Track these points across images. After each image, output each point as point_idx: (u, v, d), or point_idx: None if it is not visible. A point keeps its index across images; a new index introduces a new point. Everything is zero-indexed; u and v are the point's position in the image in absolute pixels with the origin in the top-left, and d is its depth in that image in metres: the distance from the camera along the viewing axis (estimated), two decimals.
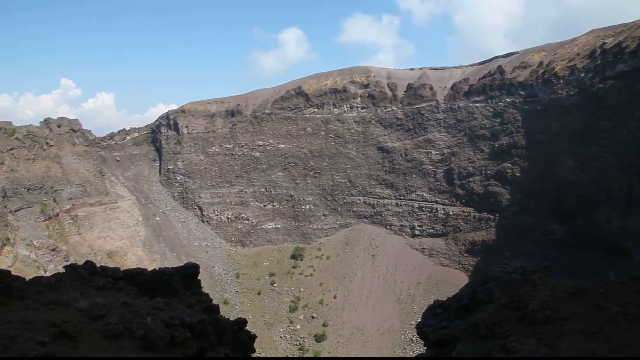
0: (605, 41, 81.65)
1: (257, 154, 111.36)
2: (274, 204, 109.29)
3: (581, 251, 75.28)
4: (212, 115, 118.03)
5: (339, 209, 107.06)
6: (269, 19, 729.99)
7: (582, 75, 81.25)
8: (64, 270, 11.51)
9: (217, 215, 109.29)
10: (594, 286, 7.35)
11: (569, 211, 79.14)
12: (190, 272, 13.51)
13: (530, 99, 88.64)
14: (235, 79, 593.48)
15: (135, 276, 11.98)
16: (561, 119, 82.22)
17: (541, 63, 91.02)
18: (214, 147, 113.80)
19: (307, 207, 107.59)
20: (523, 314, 7.17)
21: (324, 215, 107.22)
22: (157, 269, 13.11)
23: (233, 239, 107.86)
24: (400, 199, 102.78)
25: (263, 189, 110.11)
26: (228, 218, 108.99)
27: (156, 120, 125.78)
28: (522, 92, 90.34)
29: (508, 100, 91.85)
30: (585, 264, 70.74)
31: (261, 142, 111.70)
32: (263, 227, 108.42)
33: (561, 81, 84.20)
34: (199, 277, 13.91)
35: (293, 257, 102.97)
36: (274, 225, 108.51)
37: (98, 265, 11.88)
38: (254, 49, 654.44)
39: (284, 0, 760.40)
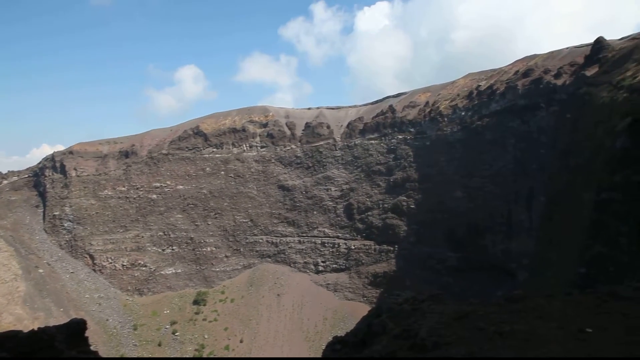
0: (480, 83, 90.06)
1: (154, 196, 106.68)
2: (174, 247, 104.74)
3: (473, 275, 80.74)
4: (104, 156, 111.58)
5: (241, 250, 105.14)
6: (164, 56, 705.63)
7: (463, 113, 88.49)
8: None
9: (110, 263, 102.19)
10: (474, 309, 7.80)
11: (460, 239, 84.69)
12: (75, 329, 11.98)
13: (419, 136, 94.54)
14: (129, 119, 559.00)
15: (7, 340, 10.30)
16: (448, 154, 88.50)
17: (427, 102, 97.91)
18: (106, 190, 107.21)
19: (209, 249, 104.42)
20: (413, 343, 7.39)
21: (226, 256, 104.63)
22: (37, 328, 11.45)
23: (129, 288, 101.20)
24: (303, 236, 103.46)
25: (161, 233, 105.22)
26: (123, 265, 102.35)
27: (39, 163, 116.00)
28: (412, 130, 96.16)
29: (400, 137, 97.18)
30: (478, 287, 75.73)
31: (158, 184, 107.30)
32: (162, 273, 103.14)
33: (445, 119, 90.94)
34: (88, 333, 12.36)
35: (195, 302, 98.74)
36: (173, 270, 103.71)
37: None
38: (149, 87, 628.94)
39: (180, 37, 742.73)
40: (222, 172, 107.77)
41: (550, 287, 50.21)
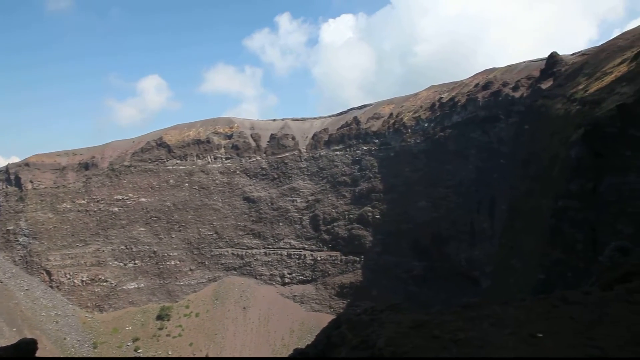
0: (442, 96, 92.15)
1: (116, 209, 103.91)
2: (136, 262, 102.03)
3: (439, 283, 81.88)
4: (63, 168, 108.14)
5: (206, 263, 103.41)
6: (126, 66, 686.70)
7: (426, 125, 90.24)
8: None
9: (69, 279, 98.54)
10: (431, 318, 7.86)
11: (425, 248, 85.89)
12: (25, 349, 11.19)
13: (384, 147, 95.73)
14: (89, 130, 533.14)
15: None
16: (412, 164, 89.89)
17: (391, 114, 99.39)
18: (64, 204, 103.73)
19: (173, 262, 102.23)
20: (372, 353, 7.33)
21: (190, 270, 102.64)
22: None
23: (89, 305, 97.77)
24: (269, 248, 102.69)
25: (123, 247, 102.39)
26: (83, 281, 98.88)
27: None
28: (376, 141, 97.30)
29: (365, 148, 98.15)
30: (443, 295, 76.81)
31: (120, 197, 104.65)
32: (124, 288, 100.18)
33: (409, 130, 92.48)
34: (44, 353, 11.60)
35: (159, 317, 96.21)
36: (136, 285, 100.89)
37: None
38: (110, 98, 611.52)
39: (143, 46, 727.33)
40: (186, 184, 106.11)
41: (512, 293, 51.36)
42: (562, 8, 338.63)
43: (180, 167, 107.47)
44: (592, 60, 58.26)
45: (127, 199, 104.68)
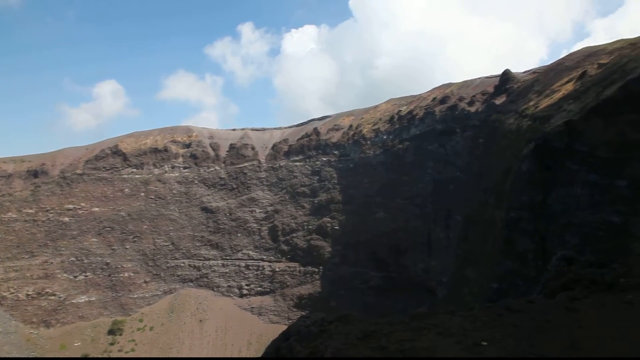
0: (401, 109, 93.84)
1: (66, 219, 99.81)
2: (87, 274, 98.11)
3: (396, 294, 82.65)
4: (9, 175, 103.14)
5: (162, 275, 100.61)
6: (82, 70, 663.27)
7: (385, 137, 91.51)
8: None
9: (13, 293, 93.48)
10: (379, 328, 7.84)
11: (383, 259, 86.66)
12: None
13: (343, 158, 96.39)
14: (40, 135, 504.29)
15: None
16: (370, 176, 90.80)
17: (351, 126, 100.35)
18: (10, 213, 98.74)
19: (126, 274, 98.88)
20: None
21: (145, 282, 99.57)
22: None
23: (34, 320, 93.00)
24: (227, 259, 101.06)
25: (73, 258, 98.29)
26: (28, 295, 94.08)
27: None
28: (336, 152, 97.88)
29: (324, 159, 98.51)
30: (401, 305, 77.56)
31: (71, 206, 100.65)
32: (73, 301, 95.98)
33: (368, 142, 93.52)
34: None
35: (111, 332, 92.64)
36: (87, 299, 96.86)
37: None
38: (63, 102, 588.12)
39: (100, 51, 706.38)
40: (142, 194, 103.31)
41: (467, 302, 52.40)
42: (515, 29, 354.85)
43: (136, 176, 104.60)
44: (542, 79, 60.80)
45: (79, 209, 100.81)
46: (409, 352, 6.45)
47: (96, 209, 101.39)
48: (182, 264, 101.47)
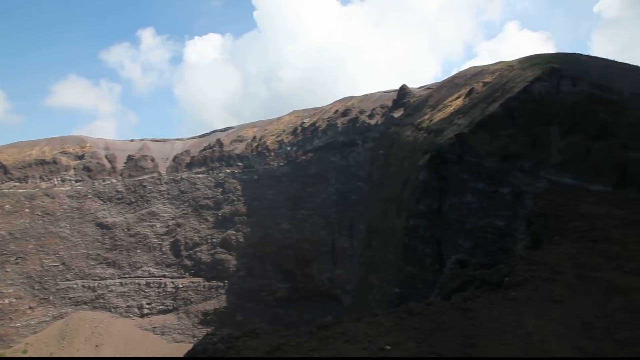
0: (304, 120, 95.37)
1: None
2: None
3: (304, 304, 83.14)
4: None
5: (50, 298, 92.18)
6: None
7: (289, 148, 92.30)
8: None
9: None
10: (287, 341, 7.78)
11: (288, 269, 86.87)
12: None
13: (247, 170, 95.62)
14: None
15: None
16: (275, 187, 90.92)
17: (255, 137, 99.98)
18: None
19: (7, 301, 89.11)
20: None
21: (30, 308, 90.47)
22: None
23: None
24: (125, 277, 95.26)
25: None
26: None
27: None
28: (240, 164, 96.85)
29: (228, 171, 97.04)
30: (308, 315, 78.08)
31: None
32: None
33: (272, 153, 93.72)
34: None
35: None
36: None
37: None
38: None
39: None
40: (27, 210, 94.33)
41: (371, 308, 54.12)
42: (413, 46, 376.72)
43: (20, 191, 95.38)
44: (436, 94, 65.16)
45: None
46: None
47: None
48: (74, 285, 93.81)
